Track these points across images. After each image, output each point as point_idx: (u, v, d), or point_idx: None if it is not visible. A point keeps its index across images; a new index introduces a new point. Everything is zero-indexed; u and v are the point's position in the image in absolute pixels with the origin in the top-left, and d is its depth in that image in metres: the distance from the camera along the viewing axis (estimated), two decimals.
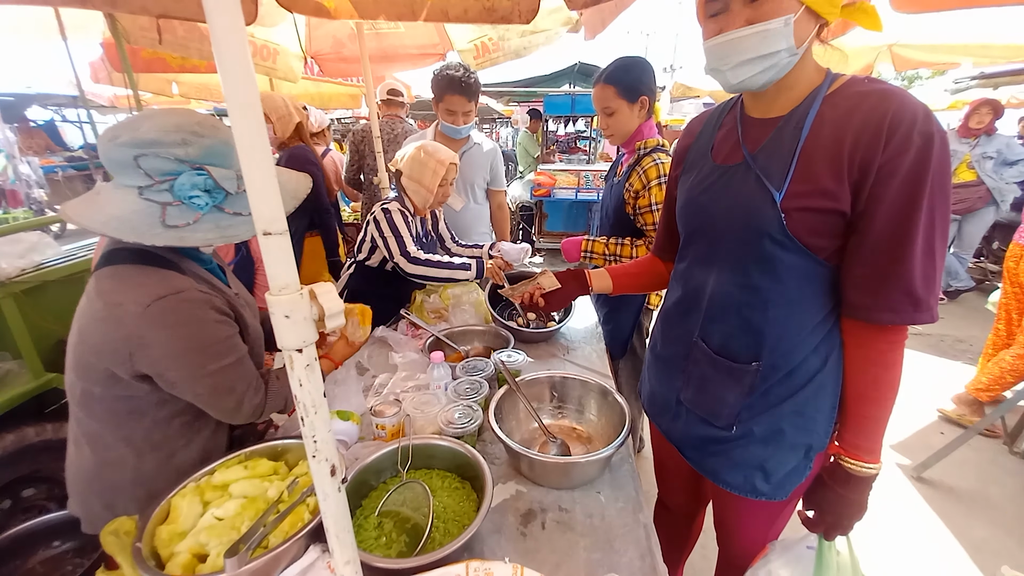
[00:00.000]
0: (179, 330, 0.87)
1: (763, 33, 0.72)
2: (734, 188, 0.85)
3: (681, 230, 1.02)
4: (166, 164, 0.84)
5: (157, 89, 4.76)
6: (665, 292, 1.13)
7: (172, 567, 0.75)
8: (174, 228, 0.85)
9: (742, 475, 0.93)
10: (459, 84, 1.99)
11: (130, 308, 0.84)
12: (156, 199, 0.85)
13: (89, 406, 0.94)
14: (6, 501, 1.62)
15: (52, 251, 1.85)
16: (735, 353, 0.89)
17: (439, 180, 1.69)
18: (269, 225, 0.50)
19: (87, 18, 2.78)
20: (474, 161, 2.26)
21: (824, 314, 0.83)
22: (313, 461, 0.57)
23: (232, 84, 0.46)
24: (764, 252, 0.81)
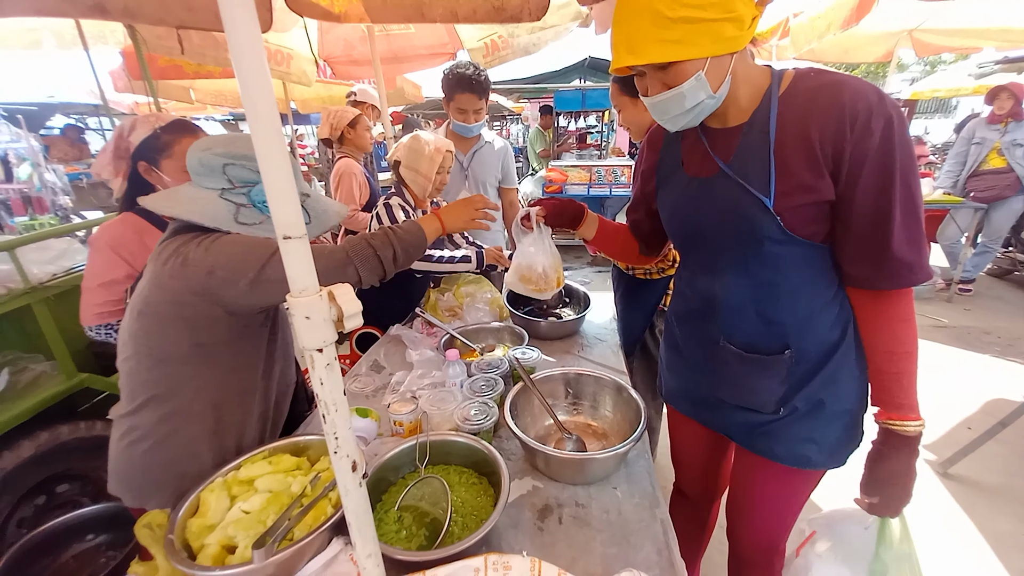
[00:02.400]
0: (229, 244, 0.97)
1: (679, 96, 0.79)
2: (719, 198, 0.88)
3: (673, 240, 1.10)
4: (248, 175, 0.98)
5: (176, 96, 4.87)
6: (672, 296, 1.18)
7: (203, 558, 0.78)
8: (244, 224, 0.99)
9: (794, 449, 0.96)
10: (469, 82, 2.00)
11: (192, 248, 0.95)
12: (234, 200, 0.99)
13: (151, 372, 1.01)
14: (41, 497, 1.69)
15: (80, 256, 1.92)
16: (764, 347, 0.92)
17: (436, 167, 1.71)
18: (289, 229, 0.52)
19: (107, 28, 2.86)
20: (485, 159, 2.27)
21: (834, 289, 0.88)
22: (335, 457, 0.59)
23: (250, 93, 0.47)
24: (765, 252, 0.85)
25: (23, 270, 1.60)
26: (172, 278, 0.96)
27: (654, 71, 0.79)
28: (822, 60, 4.17)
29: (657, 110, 0.85)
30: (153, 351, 1.00)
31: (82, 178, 8.60)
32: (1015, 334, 3.56)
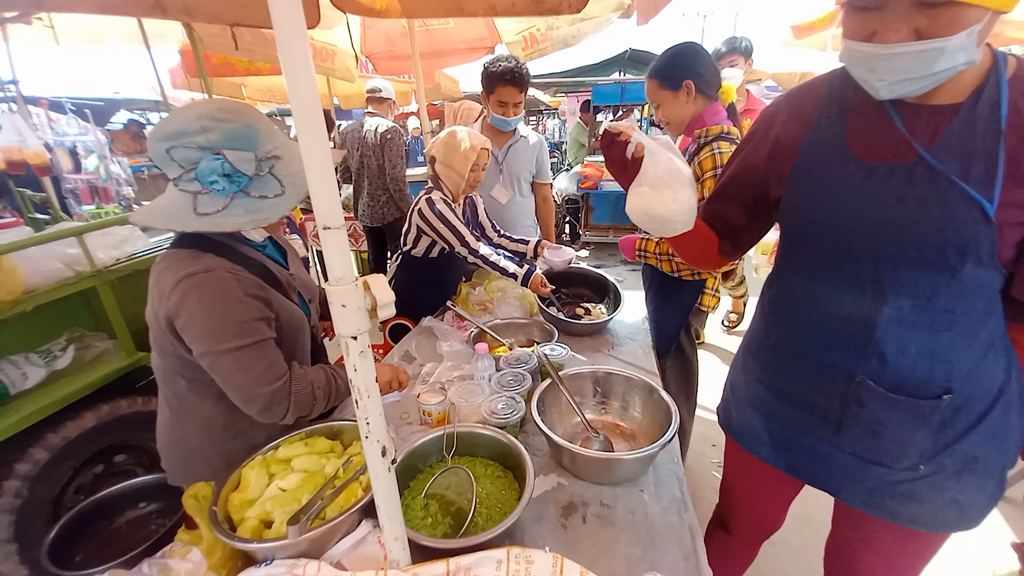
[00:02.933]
0: (203, 304, 0.90)
1: (939, 51, 0.57)
2: (911, 195, 0.67)
3: (803, 241, 0.84)
4: (192, 153, 0.86)
5: (229, 92, 5.11)
6: (764, 315, 0.96)
7: (242, 530, 0.83)
8: (206, 215, 0.88)
9: (931, 512, 0.81)
10: (512, 75, 2.00)
11: (168, 284, 0.90)
12: (188, 188, 0.88)
13: (168, 377, 1.04)
14: (99, 466, 1.83)
15: (141, 243, 2.05)
16: (918, 389, 0.75)
17: (470, 165, 1.72)
18: (328, 220, 0.53)
19: (166, 27, 3.03)
20: (520, 154, 2.27)
21: (1003, 326, 0.74)
22: (366, 442, 0.61)
23: (295, 87, 0.49)
24: (963, 274, 0.67)
25: (90, 254, 1.72)
26: (150, 302, 0.95)
27: (916, 9, 0.57)
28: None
29: (882, 66, 0.62)
30: (164, 350, 1.00)
31: (143, 170, 9.18)
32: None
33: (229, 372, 0.93)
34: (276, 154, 0.94)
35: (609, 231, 5.68)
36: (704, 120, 1.45)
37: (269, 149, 0.93)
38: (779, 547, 1.85)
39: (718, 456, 2.36)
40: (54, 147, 7.45)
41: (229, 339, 0.90)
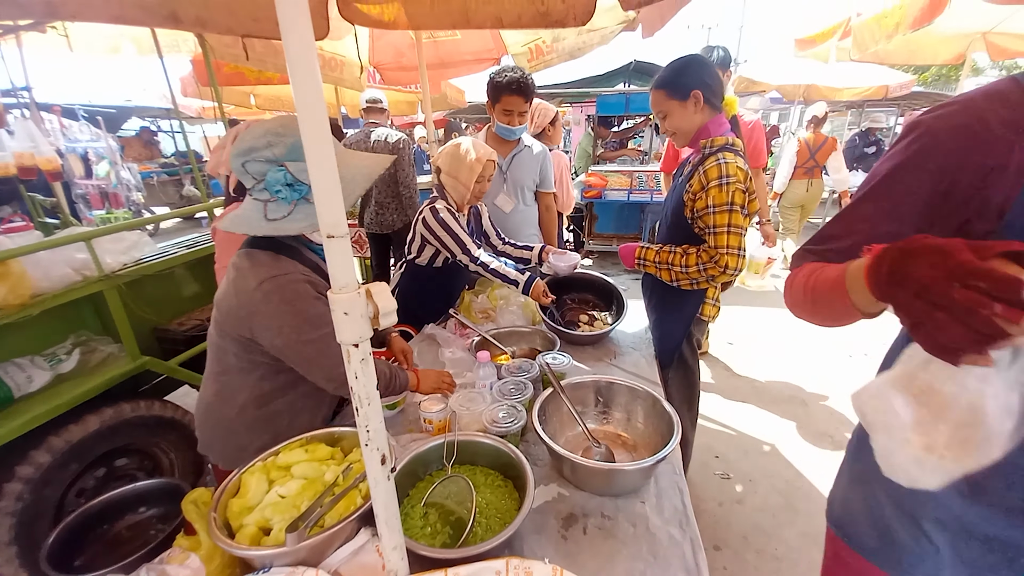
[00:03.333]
0: (282, 305, 1.03)
1: None
2: None
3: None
4: (261, 166, 0.97)
5: (238, 101, 5.19)
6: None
7: (241, 537, 0.82)
8: (274, 221, 1.00)
9: None
10: (518, 85, 2.03)
11: (249, 284, 1.03)
12: (260, 197, 1.00)
13: (218, 356, 1.17)
14: (101, 469, 1.83)
15: (149, 248, 2.08)
16: None
17: (475, 176, 1.74)
18: (332, 229, 0.54)
19: (179, 37, 3.09)
20: (524, 163, 2.29)
21: None
22: (366, 450, 0.61)
23: (302, 96, 0.50)
24: None
25: (98, 259, 1.74)
26: (225, 291, 1.09)
27: None
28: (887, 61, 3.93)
29: None
30: (225, 334, 1.13)
31: (152, 176, 9.32)
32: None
33: (313, 358, 1.07)
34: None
35: (613, 240, 5.68)
36: (709, 131, 1.45)
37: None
38: (785, 564, 1.83)
39: (720, 467, 2.34)
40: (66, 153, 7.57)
41: (309, 332, 1.04)
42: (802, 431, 2.61)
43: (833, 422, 2.67)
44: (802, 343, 3.61)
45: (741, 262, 1.38)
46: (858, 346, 3.52)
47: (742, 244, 1.38)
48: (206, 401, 1.21)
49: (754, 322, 4.06)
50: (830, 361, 3.37)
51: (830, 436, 2.56)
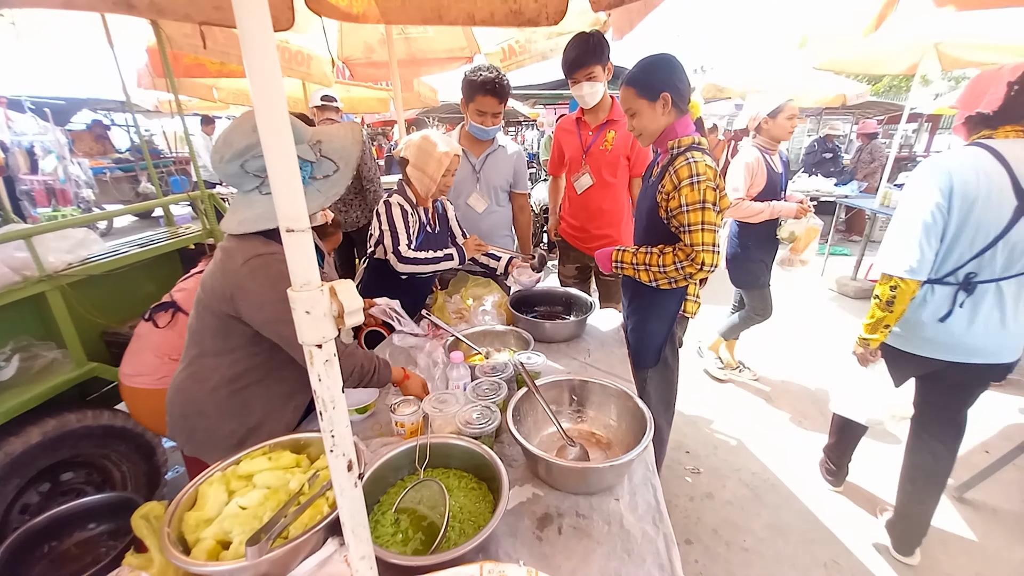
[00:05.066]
0: (266, 282, 1.05)
1: None
2: None
3: None
4: (263, 161, 0.94)
5: (199, 94, 4.97)
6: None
7: (197, 552, 0.77)
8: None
9: None
10: (492, 85, 2.00)
11: (236, 262, 1.06)
12: (269, 191, 1.00)
13: (197, 336, 1.17)
14: (45, 484, 1.71)
15: (98, 247, 1.95)
16: None
17: (443, 170, 1.73)
18: (292, 222, 0.51)
19: (134, 26, 2.93)
20: (498, 163, 2.27)
21: None
22: (331, 456, 0.58)
23: (259, 87, 0.47)
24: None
25: (38, 258, 1.62)
26: (211, 272, 1.11)
27: None
28: (844, 71, 4.12)
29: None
30: (206, 315, 1.14)
31: (106, 172, 8.83)
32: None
33: (294, 341, 1.01)
34: (318, 138, 1.09)
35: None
36: (676, 132, 1.47)
37: (310, 136, 1.08)
38: (753, 555, 1.87)
39: (692, 463, 2.39)
40: (10, 147, 7.09)
41: (290, 314, 1.00)
42: (767, 425, 2.70)
43: (796, 415, 2.77)
44: (766, 340, 3.72)
45: (717, 258, 1.41)
46: (820, 341, 3.67)
47: (716, 240, 1.41)
48: (178, 383, 1.20)
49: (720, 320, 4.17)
50: (792, 356, 3.49)
51: (794, 429, 2.65)
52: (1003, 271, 1.43)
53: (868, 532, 1.97)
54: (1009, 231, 1.37)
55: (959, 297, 1.48)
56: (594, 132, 2.16)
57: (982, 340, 1.48)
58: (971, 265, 1.44)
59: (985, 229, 1.39)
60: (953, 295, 1.48)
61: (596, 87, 2.02)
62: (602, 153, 2.14)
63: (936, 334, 1.53)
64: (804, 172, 7.41)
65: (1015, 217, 1.36)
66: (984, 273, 1.44)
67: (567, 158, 2.30)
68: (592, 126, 2.17)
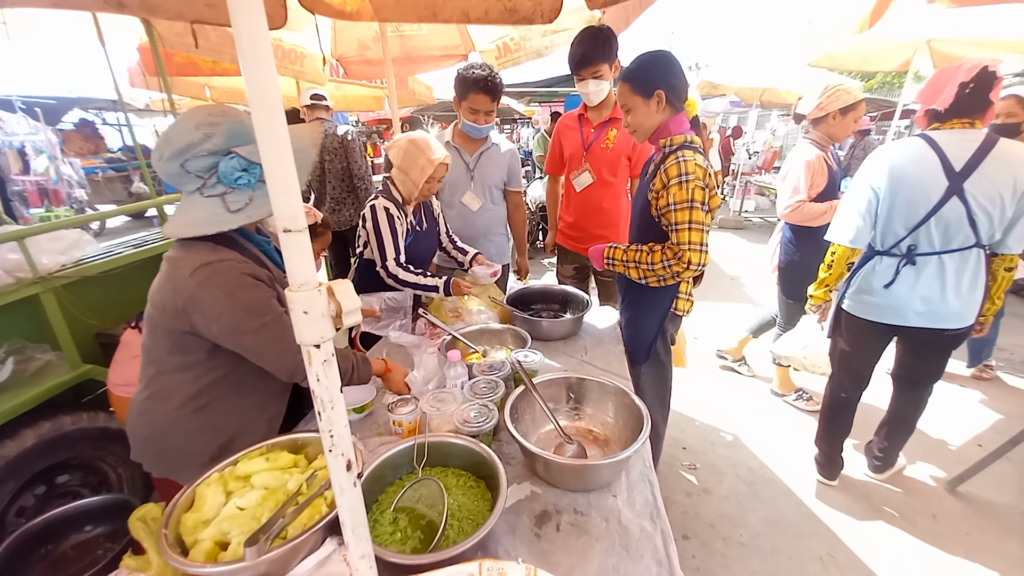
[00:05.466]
0: (219, 291, 0.99)
1: None
2: None
3: None
4: (205, 161, 0.93)
5: (192, 93, 4.93)
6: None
7: (195, 554, 0.77)
8: (240, 211, 0.97)
9: None
10: (485, 83, 1.99)
11: (184, 272, 0.98)
12: (214, 193, 0.96)
13: (151, 358, 1.11)
14: (41, 487, 1.70)
15: (91, 248, 1.94)
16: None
17: (426, 177, 1.72)
18: (289, 222, 0.51)
19: (126, 24, 2.90)
20: (492, 161, 2.26)
21: None
22: (330, 455, 0.58)
23: (255, 87, 0.47)
24: None
25: (31, 260, 1.61)
26: (159, 286, 1.03)
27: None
28: (838, 68, 4.13)
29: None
30: (158, 332, 1.08)
31: (98, 172, 8.75)
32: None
33: (259, 347, 1.04)
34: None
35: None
36: (669, 129, 1.47)
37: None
38: (749, 550, 1.89)
39: (689, 459, 2.40)
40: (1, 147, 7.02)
41: (252, 320, 1.00)
42: (763, 421, 2.71)
43: (793, 411, 2.79)
44: (764, 337, 3.74)
45: (704, 257, 1.41)
46: None
47: (704, 240, 1.41)
48: (139, 405, 1.13)
49: (718, 317, 4.20)
50: None
51: (790, 425, 2.67)
52: (941, 246, 1.63)
53: (863, 526, 1.99)
54: (940, 208, 1.58)
55: (900, 266, 1.70)
56: (596, 129, 2.14)
57: (922, 305, 1.69)
58: (910, 239, 1.66)
59: (915, 207, 1.61)
60: (897, 265, 1.71)
61: (602, 85, 2.01)
62: (603, 151, 2.13)
63: (884, 299, 1.75)
64: None
65: (945, 196, 1.56)
66: (923, 246, 1.66)
67: (567, 155, 2.27)
68: (594, 123, 2.15)
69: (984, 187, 1.52)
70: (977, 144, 1.53)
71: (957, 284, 1.65)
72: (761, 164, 10.71)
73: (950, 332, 1.71)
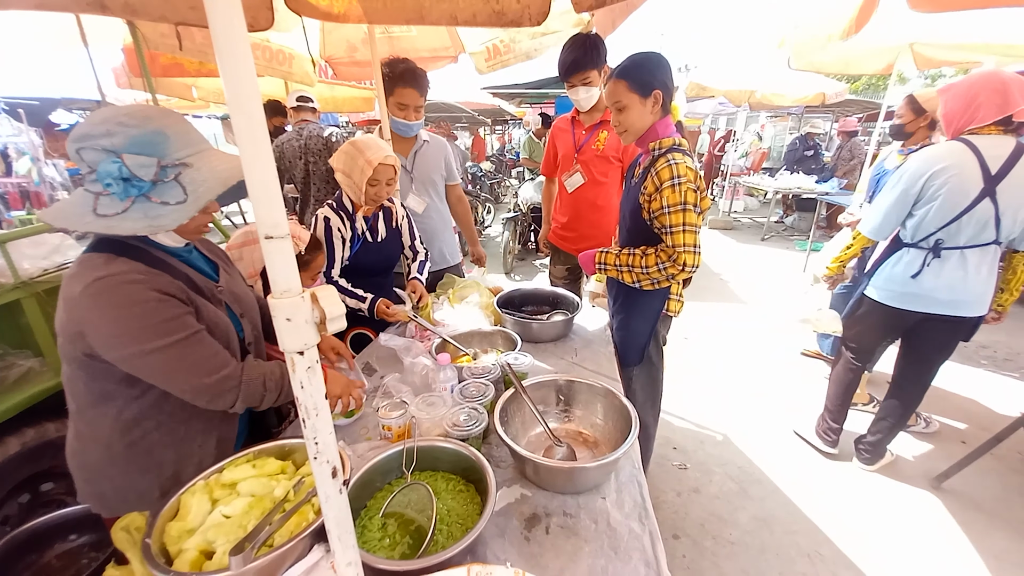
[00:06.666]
0: (114, 310, 0.89)
1: None
2: None
3: None
4: (96, 155, 0.85)
5: (178, 93, 4.87)
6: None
7: (180, 563, 0.76)
8: (104, 217, 0.86)
9: None
10: (413, 76, 1.95)
11: (74, 291, 0.89)
12: (91, 189, 0.87)
13: (71, 387, 1.01)
14: (25, 495, 1.67)
15: (74, 252, 1.90)
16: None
17: (366, 178, 1.64)
18: (271, 229, 0.50)
19: (110, 26, 2.86)
20: (428, 159, 2.22)
21: None
22: (315, 463, 0.58)
23: (234, 89, 0.46)
24: None
25: (13, 265, 1.58)
26: (58, 309, 0.92)
27: None
28: (821, 71, 4.18)
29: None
30: (69, 357, 0.97)
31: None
32: (1013, 348, 3.56)
33: (164, 369, 0.94)
34: (186, 162, 0.91)
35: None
36: (657, 132, 1.47)
37: (179, 156, 0.91)
38: (739, 548, 1.91)
39: (679, 458, 2.41)
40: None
41: (152, 339, 0.90)
42: (753, 420, 2.74)
43: (783, 410, 2.82)
44: (755, 338, 3.78)
45: (698, 259, 1.43)
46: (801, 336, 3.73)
47: (697, 241, 1.42)
48: (69, 446, 1.05)
49: (709, 317, 4.23)
50: (781, 355, 3.55)
51: (779, 424, 2.70)
52: (967, 241, 1.78)
53: (850, 523, 2.02)
54: (974, 207, 1.72)
55: (928, 258, 1.85)
56: (587, 132, 2.16)
57: (946, 295, 1.85)
58: (940, 233, 1.80)
59: (954, 206, 1.73)
60: (924, 257, 1.86)
61: (591, 91, 2.03)
62: (593, 153, 2.15)
63: (913, 288, 1.90)
64: (786, 169, 7.54)
65: (980, 196, 1.70)
66: (950, 241, 1.80)
67: (560, 157, 2.30)
68: (586, 126, 2.17)
69: (1013, 190, 1.67)
70: (1009, 150, 1.67)
71: (976, 276, 1.81)
72: (750, 166, 10.83)
73: (967, 320, 1.88)
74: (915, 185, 1.79)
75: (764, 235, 7.35)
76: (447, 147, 2.32)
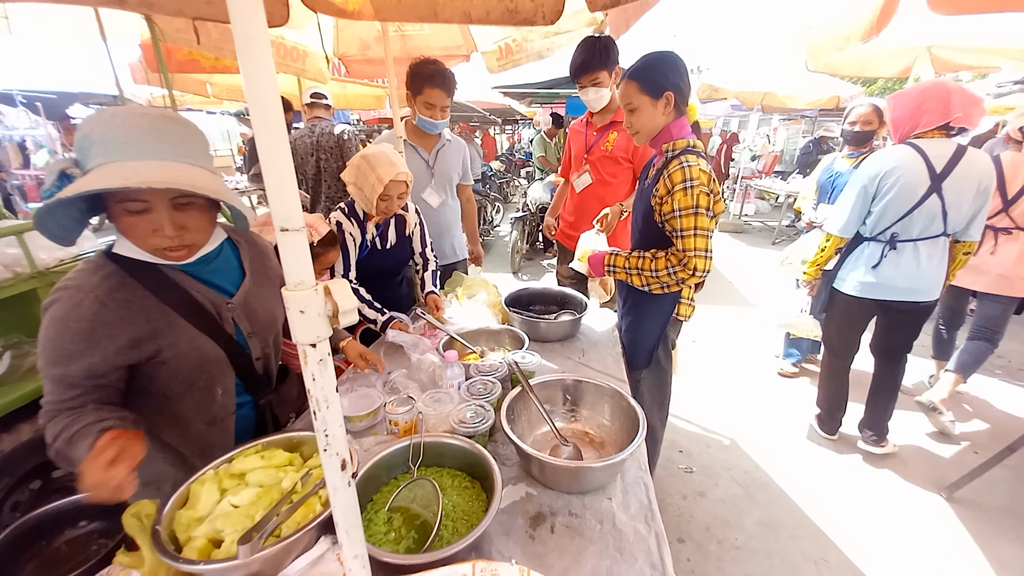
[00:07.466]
0: (49, 321, 0.88)
1: None
2: None
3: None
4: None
5: (193, 89, 4.93)
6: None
7: (189, 551, 0.77)
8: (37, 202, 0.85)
9: None
10: (442, 77, 1.99)
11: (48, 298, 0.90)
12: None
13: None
14: (36, 482, 1.69)
15: (89, 243, 1.93)
16: None
17: (378, 194, 1.64)
18: (286, 222, 0.51)
19: (128, 21, 2.90)
20: (449, 157, 2.28)
21: None
22: (324, 455, 0.58)
23: (253, 85, 0.47)
24: None
25: (30, 255, 1.61)
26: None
27: None
28: (838, 74, 4.13)
29: None
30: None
31: None
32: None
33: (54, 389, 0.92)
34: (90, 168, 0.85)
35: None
36: (671, 134, 1.45)
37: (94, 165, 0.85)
38: (744, 552, 1.89)
39: (685, 461, 2.40)
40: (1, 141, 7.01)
41: (43, 363, 0.90)
42: (760, 425, 2.72)
43: (789, 416, 2.79)
44: (764, 342, 3.75)
45: (709, 263, 1.41)
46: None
47: (709, 246, 1.40)
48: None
49: (717, 320, 4.20)
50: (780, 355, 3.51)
51: (786, 429, 2.67)
52: (919, 234, 2.00)
53: (857, 530, 1.99)
54: (923, 202, 1.93)
55: (885, 250, 2.06)
56: (598, 132, 2.18)
57: (903, 282, 2.06)
58: (896, 227, 2.02)
59: (905, 202, 1.95)
60: (882, 250, 2.07)
61: (601, 92, 2.03)
62: (602, 153, 2.16)
63: (873, 278, 2.11)
64: (799, 173, 7.45)
65: (928, 192, 1.92)
66: (904, 234, 2.02)
67: (572, 157, 2.34)
68: (598, 126, 2.19)
69: (956, 187, 1.90)
70: (951, 152, 1.89)
71: (928, 264, 2.02)
72: (762, 168, 10.73)
73: (923, 304, 2.09)
74: (872, 184, 2.00)
75: (775, 239, 7.28)
76: (466, 148, 2.38)
